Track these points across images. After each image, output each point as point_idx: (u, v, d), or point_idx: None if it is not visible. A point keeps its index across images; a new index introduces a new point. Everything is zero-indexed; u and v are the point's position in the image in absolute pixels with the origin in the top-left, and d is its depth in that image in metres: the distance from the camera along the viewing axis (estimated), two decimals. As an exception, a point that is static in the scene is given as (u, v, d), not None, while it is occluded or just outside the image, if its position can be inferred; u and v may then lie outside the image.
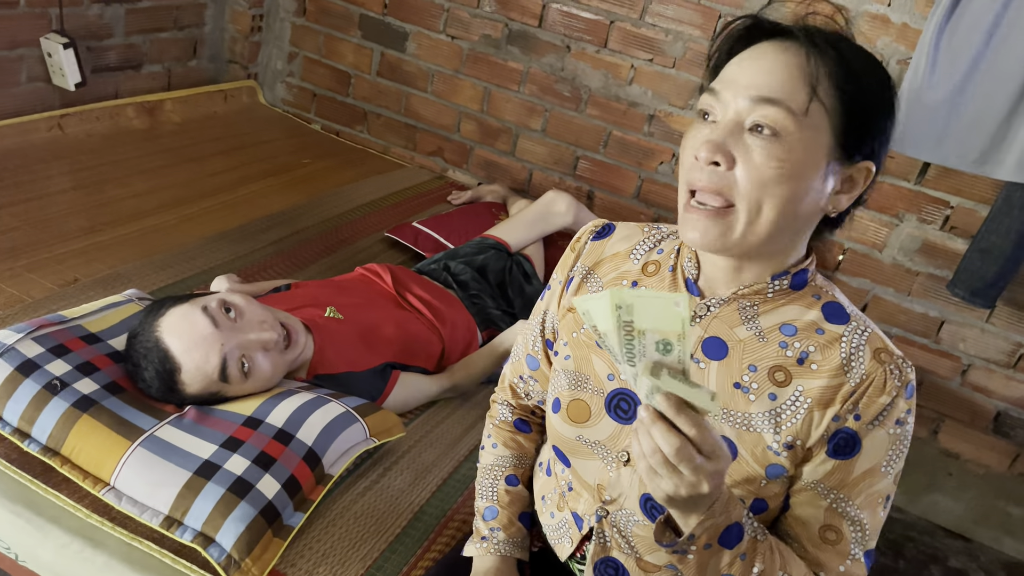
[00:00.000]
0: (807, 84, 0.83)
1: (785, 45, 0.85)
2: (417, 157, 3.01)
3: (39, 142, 2.32)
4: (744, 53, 0.87)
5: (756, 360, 0.91)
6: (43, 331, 1.39)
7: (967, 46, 1.98)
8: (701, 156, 0.84)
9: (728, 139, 0.84)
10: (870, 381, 0.87)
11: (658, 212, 2.66)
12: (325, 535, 1.29)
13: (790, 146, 0.83)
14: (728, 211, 0.85)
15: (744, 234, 0.86)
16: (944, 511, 2.55)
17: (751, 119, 0.84)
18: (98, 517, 1.23)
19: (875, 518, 0.92)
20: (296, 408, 1.37)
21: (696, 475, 0.73)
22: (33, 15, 2.29)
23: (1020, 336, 2.31)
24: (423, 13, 2.78)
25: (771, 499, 0.92)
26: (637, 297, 0.70)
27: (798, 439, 0.89)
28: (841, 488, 0.90)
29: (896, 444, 0.89)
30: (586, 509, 1.04)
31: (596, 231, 1.08)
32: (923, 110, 2.04)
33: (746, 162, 0.83)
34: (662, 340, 0.71)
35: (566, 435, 1.02)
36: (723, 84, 0.86)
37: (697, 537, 0.80)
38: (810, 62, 0.83)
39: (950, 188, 2.25)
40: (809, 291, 0.94)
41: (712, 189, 0.85)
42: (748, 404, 0.91)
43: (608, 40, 2.54)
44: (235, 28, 3.00)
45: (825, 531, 0.91)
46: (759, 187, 0.83)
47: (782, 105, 0.82)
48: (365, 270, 1.93)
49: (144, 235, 2.04)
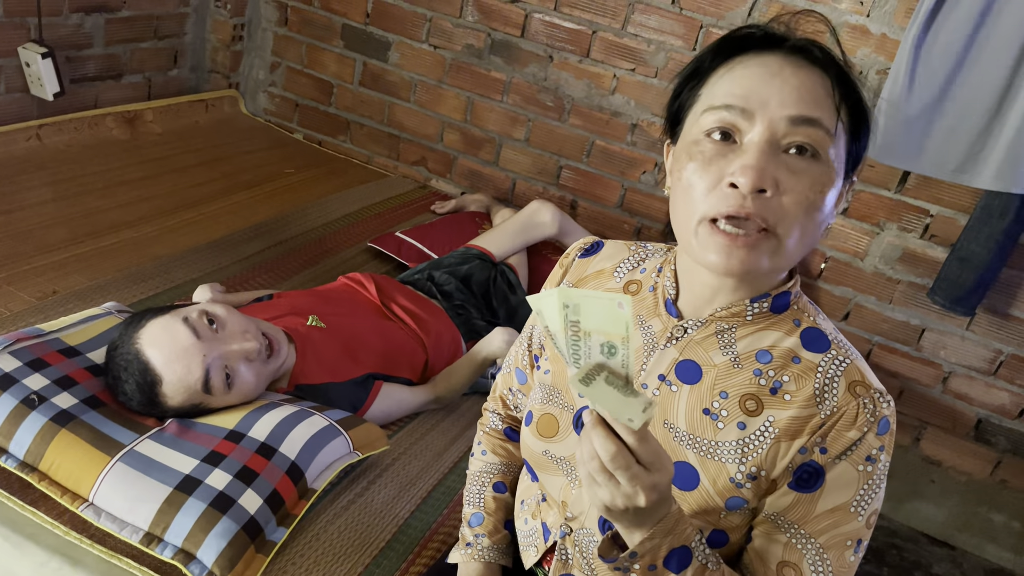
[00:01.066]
0: (834, 104, 0.81)
1: (799, 62, 0.82)
2: (400, 167, 3.01)
3: (17, 152, 2.30)
4: (748, 66, 0.83)
5: (728, 387, 0.88)
6: (20, 345, 1.37)
7: (946, 56, 2.00)
8: (743, 182, 0.77)
9: (770, 163, 0.79)
10: (840, 414, 0.83)
11: (641, 221, 2.66)
12: (308, 550, 1.28)
13: (827, 167, 0.80)
14: (764, 237, 0.80)
15: (775, 260, 0.81)
16: (927, 518, 2.56)
17: (790, 140, 0.79)
18: (76, 534, 1.21)
19: (842, 562, 0.85)
20: (279, 421, 1.36)
21: (632, 485, 0.71)
22: (11, 25, 2.27)
23: (1000, 343, 2.33)
24: (405, 23, 2.78)
25: (732, 531, 0.88)
26: (583, 297, 0.68)
27: (762, 470, 0.85)
28: (803, 524, 0.84)
29: (867, 483, 0.84)
30: (554, 522, 1.02)
31: (585, 248, 1.06)
32: (902, 120, 2.06)
33: (792, 188, 0.79)
34: (607, 342, 0.69)
35: (534, 449, 1.00)
36: (744, 99, 0.81)
37: (640, 556, 0.77)
38: (832, 81, 0.81)
39: (930, 197, 2.27)
40: (790, 315, 0.90)
41: (757, 216, 0.78)
42: (716, 432, 0.87)
43: (591, 50, 2.55)
44: (216, 38, 2.99)
45: (783, 567, 0.85)
46: (804, 213, 0.79)
47: (821, 126, 0.79)
48: (348, 279, 1.91)
49: (124, 247, 2.02)
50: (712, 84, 0.85)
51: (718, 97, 0.83)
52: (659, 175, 2.58)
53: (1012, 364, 2.34)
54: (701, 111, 0.84)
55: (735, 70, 0.83)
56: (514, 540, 1.13)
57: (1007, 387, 2.37)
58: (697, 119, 0.85)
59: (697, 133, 0.84)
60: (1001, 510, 2.48)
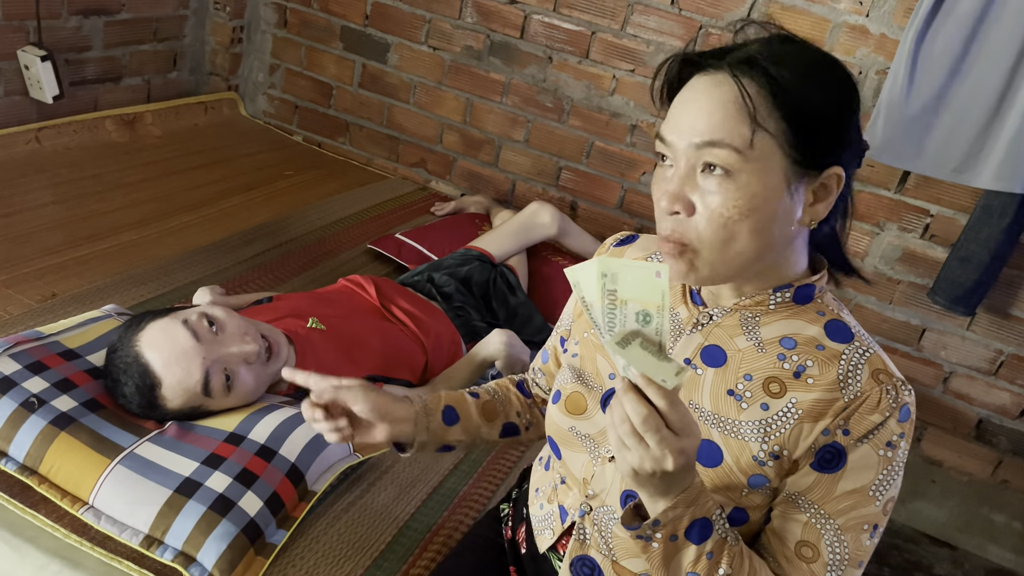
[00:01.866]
0: (747, 117, 0.82)
1: (718, 79, 0.84)
2: (400, 169, 3.01)
3: (17, 156, 2.29)
4: (682, 93, 0.88)
5: (752, 370, 0.91)
6: (20, 348, 1.37)
7: (945, 56, 2.00)
8: (662, 206, 0.86)
9: (684, 186, 0.85)
10: (864, 398, 0.86)
11: (641, 222, 2.66)
12: (309, 552, 1.28)
13: (744, 182, 0.83)
14: (687, 250, 0.87)
15: (712, 270, 0.88)
16: (928, 518, 2.56)
17: (701, 161, 0.84)
18: (76, 537, 1.20)
19: (858, 545, 0.88)
20: (279, 423, 1.36)
21: (661, 448, 0.73)
22: (10, 28, 2.27)
23: (1000, 343, 2.33)
24: (405, 24, 2.78)
25: (752, 510, 0.91)
26: (622, 266, 0.72)
27: (785, 449, 0.88)
28: (823, 504, 0.87)
29: (887, 468, 0.87)
30: (573, 503, 1.05)
31: (620, 239, 1.12)
32: (902, 120, 2.06)
33: (705, 207, 0.84)
34: (642, 311, 0.72)
35: (561, 425, 1.04)
36: (669, 129, 0.87)
37: (663, 524, 0.79)
38: (743, 93, 0.82)
39: (930, 197, 2.27)
40: (814, 307, 0.93)
41: (676, 239, 0.86)
42: (739, 412, 0.90)
43: (590, 51, 2.54)
44: (216, 40, 2.99)
45: (801, 547, 0.88)
46: (721, 229, 0.84)
47: (725, 145, 0.82)
48: (348, 281, 1.91)
49: (124, 249, 2.02)
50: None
51: (661, 126, 0.89)
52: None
53: (1013, 364, 2.34)
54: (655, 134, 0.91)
55: (679, 96, 0.88)
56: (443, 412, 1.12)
57: (1008, 387, 2.36)
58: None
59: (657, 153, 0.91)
60: (1002, 510, 2.48)
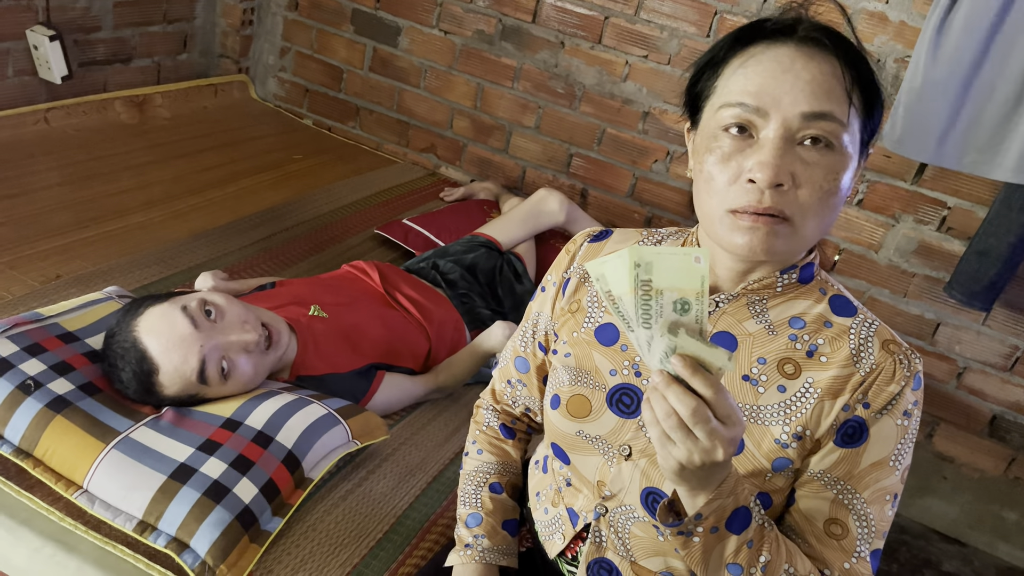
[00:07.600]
0: (845, 90, 0.83)
1: (811, 52, 0.84)
2: (410, 154, 2.98)
3: (25, 136, 2.29)
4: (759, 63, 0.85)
5: (765, 353, 0.91)
6: (18, 329, 1.36)
7: (966, 45, 1.94)
8: (760, 178, 0.82)
9: (785, 158, 0.82)
10: (880, 370, 0.88)
11: (652, 211, 2.63)
12: (304, 540, 1.27)
13: (841, 155, 0.84)
14: (782, 224, 0.84)
15: (800, 243, 0.87)
16: (938, 515, 2.53)
17: (804, 133, 0.83)
18: (71, 520, 1.20)
19: (882, 516, 0.90)
20: (276, 410, 1.34)
21: (711, 439, 0.71)
22: (19, 7, 2.26)
23: (1017, 339, 2.28)
24: (416, 8, 2.75)
25: (775, 494, 0.91)
26: (656, 254, 0.69)
27: (807, 429, 0.88)
28: (848, 479, 0.89)
29: (904, 437, 0.89)
30: (584, 505, 1.02)
31: (593, 235, 1.08)
32: (921, 110, 2.01)
33: (808, 179, 0.83)
34: (680, 299, 0.69)
35: (565, 431, 1.00)
36: (760, 99, 0.83)
37: (704, 518, 0.78)
38: (841, 69, 0.83)
39: (947, 189, 2.22)
40: (816, 285, 0.95)
41: (776, 211, 0.83)
42: (757, 397, 0.90)
43: (603, 36, 2.51)
44: (226, 22, 2.97)
45: (830, 525, 0.89)
46: (819, 202, 0.84)
47: (834, 118, 0.82)
48: (352, 267, 1.90)
49: (130, 232, 2.01)
50: (727, 76, 0.87)
51: (733, 94, 0.85)
52: (669, 163, 2.54)
53: (1029, 360, 2.29)
54: (718, 106, 0.87)
55: (748, 65, 0.85)
56: (515, 541, 1.12)
57: (1023, 383, 2.32)
58: (715, 113, 0.87)
59: (715, 127, 0.86)
60: (1014, 508, 2.44)
